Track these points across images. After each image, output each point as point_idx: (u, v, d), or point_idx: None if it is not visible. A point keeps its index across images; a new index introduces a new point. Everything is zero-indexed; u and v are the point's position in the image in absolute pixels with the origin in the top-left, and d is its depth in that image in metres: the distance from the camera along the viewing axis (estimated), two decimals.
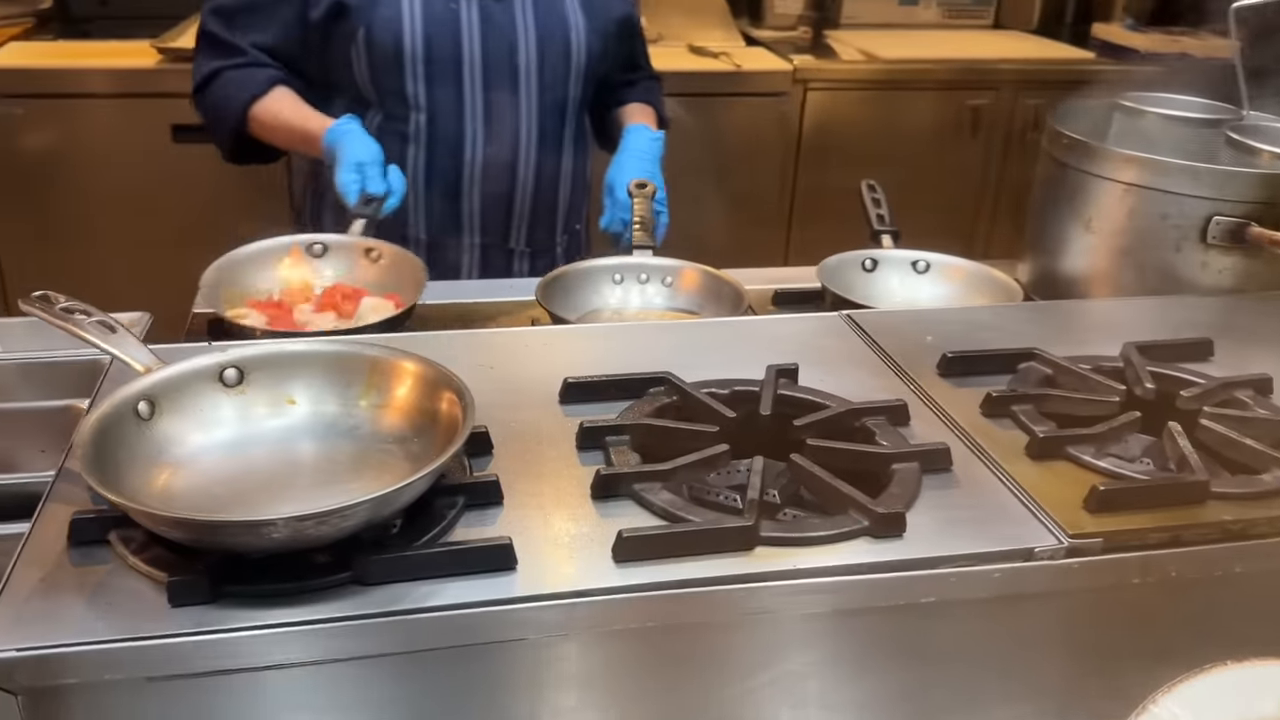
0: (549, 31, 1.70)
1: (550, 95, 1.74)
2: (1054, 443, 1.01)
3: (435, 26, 1.64)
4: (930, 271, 1.61)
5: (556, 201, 1.83)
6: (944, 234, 3.24)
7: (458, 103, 1.69)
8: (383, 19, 1.62)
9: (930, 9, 3.66)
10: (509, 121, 1.72)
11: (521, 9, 1.69)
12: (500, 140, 1.72)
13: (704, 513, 0.90)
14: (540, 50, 1.70)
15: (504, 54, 1.69)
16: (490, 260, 1.81)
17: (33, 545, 0.84)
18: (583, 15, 1.74)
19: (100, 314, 1.00)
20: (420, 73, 1.66)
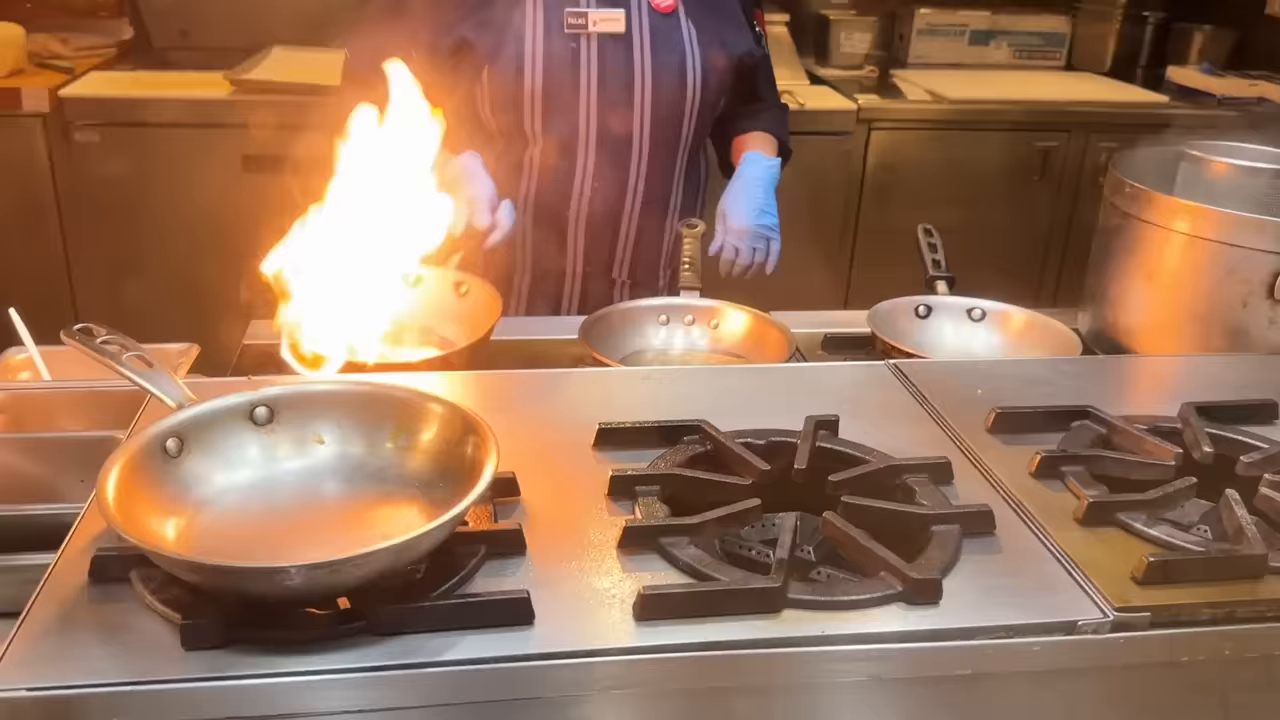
0: (665, 70, 1.72)
1: (662, 131, 1.76)
2: (1104, 508, 0.96)
3: (554, 64, 1.68)
4: (986, 320, 1.56)
5: (663, 236, 1.85)
6: (1009, 279, 3.18)
7: (571, 137, 1.73)
8: (506, 57, 1.67)
9: (1001, 50, 3.60)
10: (620, 156, 1.75)
11: (640, 47, 1.71)
12: (610, 174, 1.75)
13: (731, 571, 0.87)
14: (655, 88, 1.72)
15: (620, 91, 1.72)
16: (592, 290, 1.84)
17: (55, 580, 0.84)
18: (700, 53, 1.75)
19: (138, 348, 1.01)
20: (538, 108, 1.70)
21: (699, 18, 1.76)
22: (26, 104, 2.86)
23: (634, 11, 1.71)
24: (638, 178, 1.77)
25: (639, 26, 1.71)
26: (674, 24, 1.74)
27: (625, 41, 1.71)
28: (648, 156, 1.76)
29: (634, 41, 1.71)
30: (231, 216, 2.95)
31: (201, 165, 2.93)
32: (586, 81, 1.70)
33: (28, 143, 2.91)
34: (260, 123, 2.88)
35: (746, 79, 1.87)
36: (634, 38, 1.71)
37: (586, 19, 1.69)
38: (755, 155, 1.85)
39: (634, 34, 1.71)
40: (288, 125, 2.87)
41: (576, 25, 1.69)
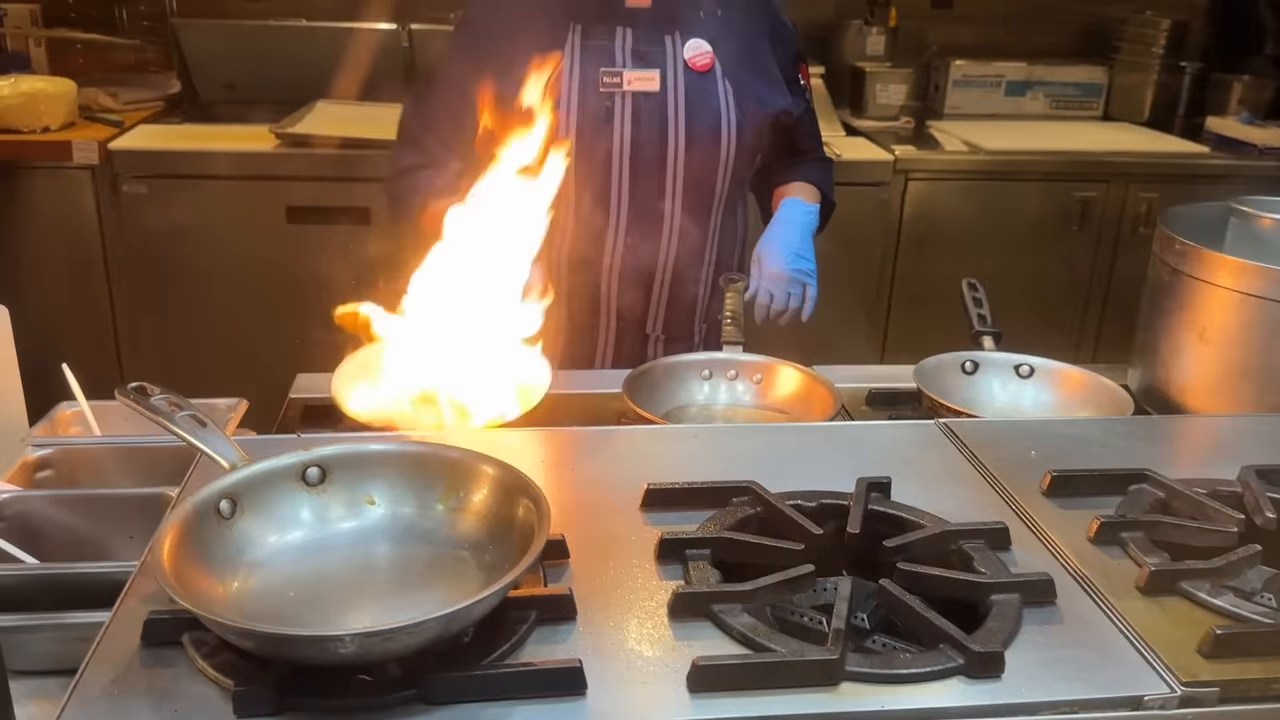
0: (699, 129, 1.73)
1: (696, 188, 1.77)
2: (1167, 577, 0.94)
3: (589, 120, 1.70)
4: (1034, 377, 1.54)
5: (697, 291, 1.85)
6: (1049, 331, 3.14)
7: (604, 193, 1.74)
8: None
9: (1038, 100, 3.60)
10: (653, 213, 1.76)
11: (674, 104, 1.73)
12: (643, 231, 1.76)
13: (787, 641, 0.85)
14: (689, 147, 1.73)
15: (653, 149, 1.73)
16: (625, 343, 1.84)
17: (107, 642, 0.84)
18: (736, 110, 1.75)
19: (190, 407, 1.01)
20: (571, 164, 1.70)
21: (736, 75, 1.77)
22: (77, 156, 2.92)
23: (669, 71, 1.73)
24: (671, 233, 1.78)
25: (674, 85, 1.73)
26: (710, 82, 1.75)
27: (659, 99, 1.72)
28: (681, 212, 1.77)
29: (668, 100, 1.72)
30: (275, 267, 2.99)
31: (246, 216, 2.97)
32: (620, 139, 1.71)
33: (77, 194, 2.96)
34: (303, 175, 2.93)
35: (786, 133, 1.88)
36: (669, 96, 1.72)
37: (621, 78, 1.71)
38: (793, 201, 1.86)
39: (669, 92, 1.72)
40: (330, 178, 2.93)
41: (611, 84, 1.70)
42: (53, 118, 2.98)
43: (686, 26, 1.76)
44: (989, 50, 3.63)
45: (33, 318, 2.97)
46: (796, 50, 1.90)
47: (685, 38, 1.75)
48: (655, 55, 1.74)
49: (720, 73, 1.76)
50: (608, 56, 1.73)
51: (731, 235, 1.88)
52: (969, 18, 3.69)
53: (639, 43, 1.74)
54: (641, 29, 1.74)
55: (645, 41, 1.74)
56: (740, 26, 1.79)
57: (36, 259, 2.98)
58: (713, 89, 1.75)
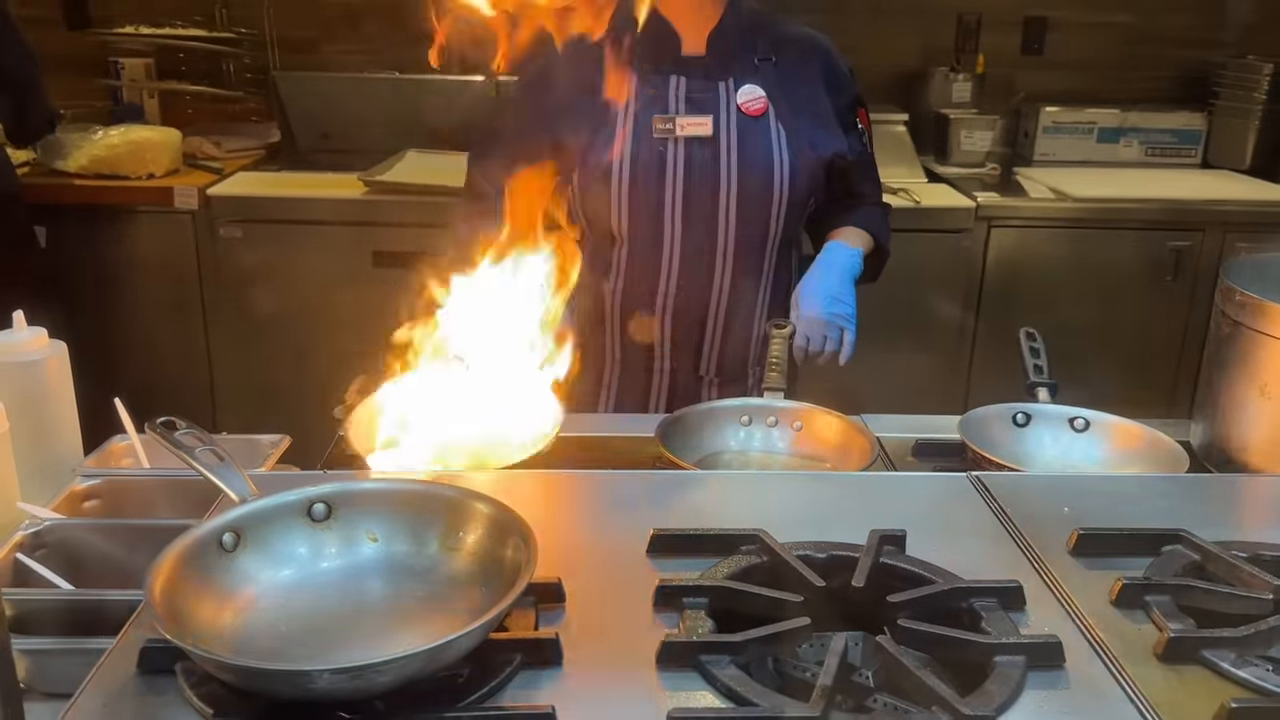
0: (751, 172, 1.75)
1: (748, 231, 1.78)
2: (1188, 644, 0.89)
3: (642, 168, 1.73)
4: (1089, 431, 1.49)
5: (751, 334, 1.85)
6: (1139, 387, 3.04)
7: (657, 237, 1.76)
8: (595, 158, 1.74)
9: (1132, 147, 3.50)
10: (705, 255, 1.77)
11: (726, 150, 1.74)
12: (695, 273, 1.78)
13: (771, 696, 0.83)
14: (741, 190, 1.75)
15: (706, 193, 1.75)
16: (679, 386, 1.85)
17: (106, 668, 0.87)
18: (789, 154, 1.76)
19: (212, 442, 1.04)
20: (625, 209, 1.75)
21: (790, 120, 1.77)
22: (178, 201, 3.07)
23: (722, 116, 1.74)
24: (723, 277, 1.79)
25: (726, 130, 1.74)
26: (763, 127, 1.76)
27: (713, 145, 1.74)
28: (733, 256, 1.78)
29: (721, 145, 1.74)
30: (360, 309, 3.08)
31: (335, 260, 3.07)
32: (672, 184, 1.73)
33: (178, 238, 3.11)
34: (390, 221, 3.02)
35: (841, 177, 1.87)
36: (721, 141, 1.74)
37: (674, 124, 1.73)
38: (837, 244, 1.84)
39: (721, 138, 1.74)
40: (415, 224, 3.01)
41: (664, 130, 1.73)
42: (158, 165, 3.14)
43: (740, 73, 1.77)
44: (1081, 97, 3.55)
45: (133, 353, 3.15)
46: (854, 96, 1.89)
47: (739, 84, 1.77)
48: (709, 101, 1.76)
49: (773, 116, 1.77)
50: (662, 104, 1.75)
51: (786, 278, 1.88)
52: (1060, 64, 3.62)
53: (693, 90, 1.76)
54: (696, 77, 1.76)
55: (699, 89, 1.76)
56: (794, 71, 1.80)
57: (139, 298, 3.13)
58: (765, 133, 1.76)
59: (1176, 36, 3.61)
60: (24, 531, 1.19)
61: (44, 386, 1.33)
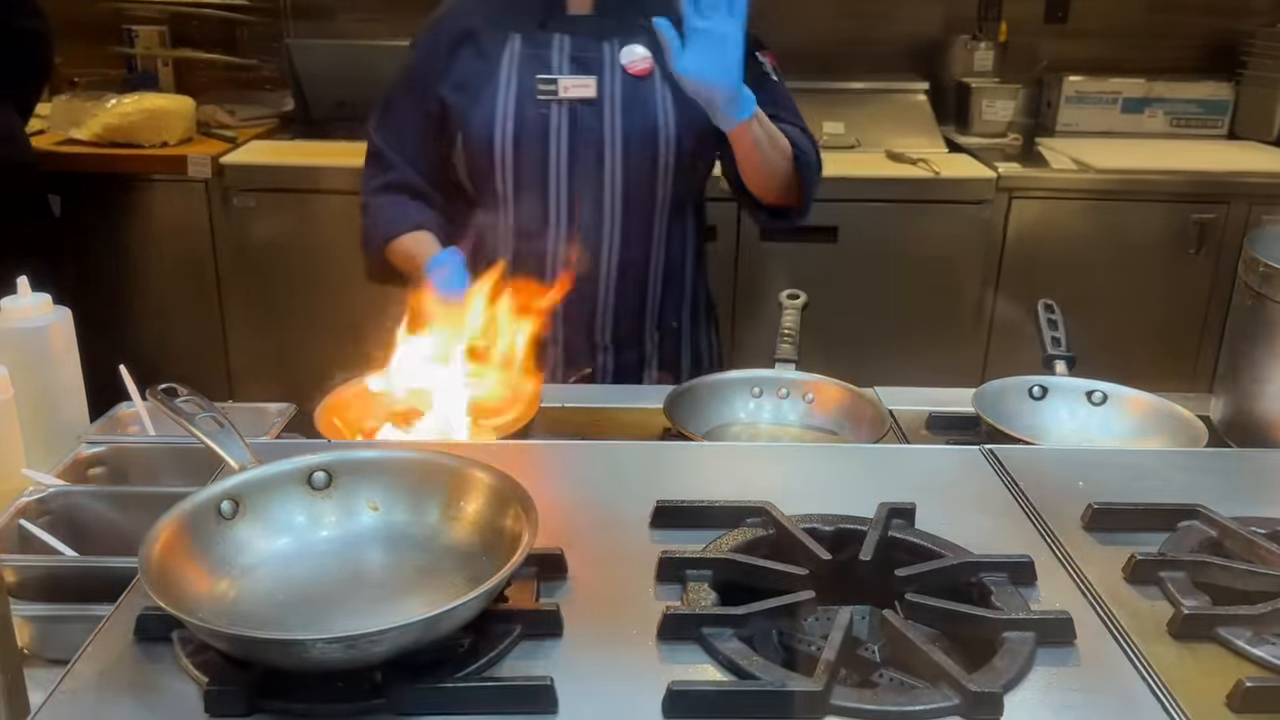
0: (637, 134, 1.72)
1: (636, 195, 1.74)
2: (1202, 621, 0.87)
3: (524, 127, 1.70)
4: (1107, 404, 1.46)
5: (645, 299, 1.82)
6: (1162, 360, 3.00)
7: (543, 202, 1.74)
8: (478, 122, 1.71)
9: (1157, 118, 3.44)
10: (593, 220, 1.74)
11: (610, 112, 1.71)
12: (584, 238, 1.75)
13: (773, 670, 0.82)
14: (626, 152, 1.72)
15: (590, 156, 1.72)
16: (575, 353, 1.81)
17: (103, 636, 0.86)
18: (675, 115, 1.72)
19: (213, 409, 1.03)
20: (509, 171, 1.73)
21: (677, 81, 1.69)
22: (191, 170, 3.06)
23: (606, 78, 1.72)
24: (612, 241, 1.75)
25: (610, 92, 1.71)
26: (648, 89, 1.72)
27: (596, 107, 1.71)
28: (621, 221, 1.75)
29: (605, 107, 1.71)
30: None
31: (349, 229, 3.04)
32: (556, 147, 1.71)
33: (192, 207, 3.10)
34: None
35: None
36: (605, 103, 1.71)
37: (557, 85, 1.70)
38: None
39: (605, 100, 1.71)
40: None
41: (547, 92, 1.70)
42: (171, 133, 3.13)
43: (627, 33, 1.73)
44: (1105, 66, 3.48)
45: (146, 322, 3.15)
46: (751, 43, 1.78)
47: (624, 44, 1.73)
48: (594, 62, 1.73)
49: (659, 78, 1.73)
50: (545, 64, 1.72)
51: (680, 241, 1.84)
52: (1084, 32, 3.55)
53: (577, 49, 1.73)
54: (581, 36, 1.73)
55: (584, 48, 1.73)
56: None
57: (152, 267, 3.13)
58: (651, 96, 1.72)
59: (1204, 4, 3.53)
60: (28, 498, 1.19)
61: (48, 352, 1.32)
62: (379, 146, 1.82)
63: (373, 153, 1.84)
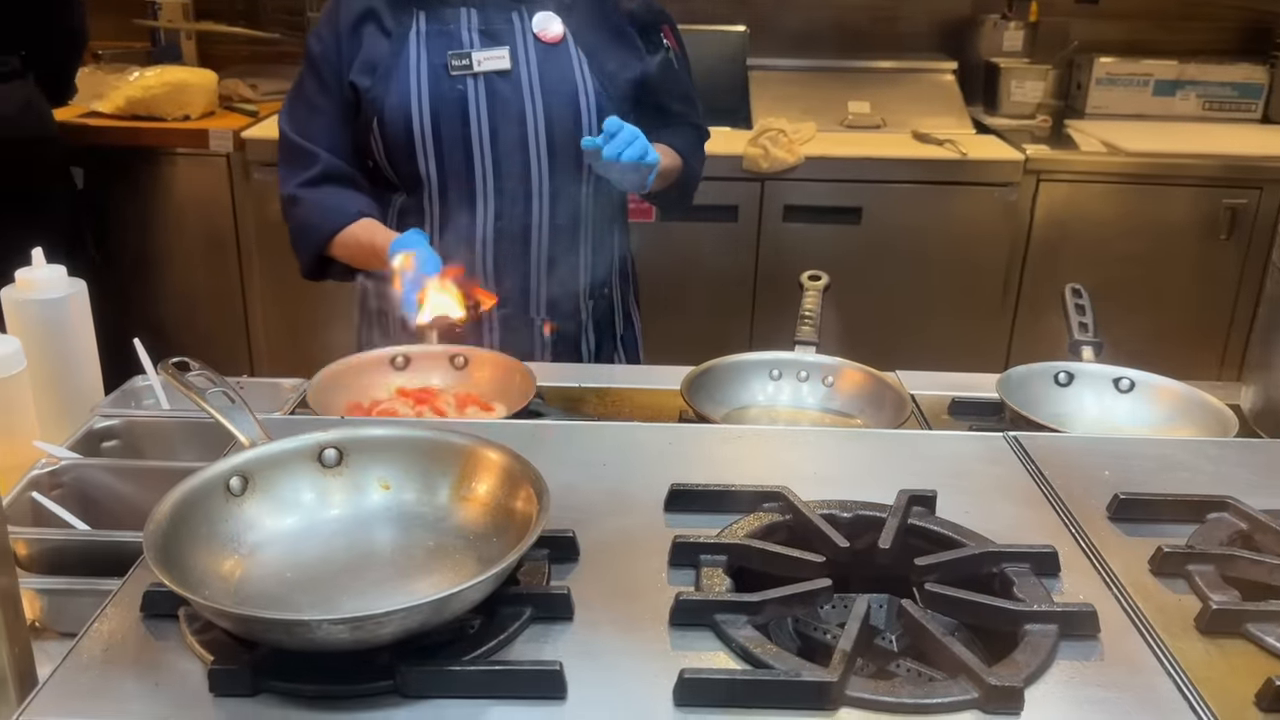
0: (556, 102, 1.69)
1: (561, 163, 1.71)
2: (1231, 616, 0.84)
3: (442, 105, 1.66)
4: (1134, 391, 1.43)
5: (577, 268, 1.79)
6: (1189, 348, 2.95)
7: (468, 178, 1.70)
8: (393, 104, 1.66)
9: (1189, 101, 3.37)
10: (520, 192, 1.71)
11: (528, 81, 1.68)
12: (512, 211, 1.71)
13: (788, 659, 0.80)
14: (548, 120, 1.68)
15: (512, 127, 1.68)
16: (511, 329, 1.76)
17: (110, 612, 0.85)
18: (593, 81, 1.70)
19: (226, 385, 1.02)
20: (430, 152, 1.68)
21: (589, 44, 1.71)
22: (213, 144, 3.05)
23: (519, 47, 1.68)
24: (541, 212, 1.72)
25: (525, 61, 1.68)
26: (562, 54, 1.70)
27: (513, 78, 1.67)
28: (549, 190, 1.71)
29: (521, 77, 1.68)
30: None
31: None
32: (477, 121, 1.67)
33: (213, 180, 3.09)
34: None
35: (651, 99, 1.79)
36: (521, 73, 1.68)
37: (471, 59, 1.67)
38: None
39: (521, 70, 1.68)
40: None
41: (461, 67, 1.66)
42: (194, 107, 3.12)
43: (533, 0, 1.70)
44: (1137, 48, 3.42)
45: (167, 295, 3.15)
46: (656, 14, 1.80)
47: (532, 11, 1.70)
48: (504, 33, 1.69)
49: (572, 42, 1.70)
50: (454, 40, 1.68)
51: (608, 207, 1.81)
52: (1116, 13, 3.48)
53: (486, 22, 1.69)
54: (488, 8, 1.69)
55: (492, 20, 1.69)
56: None
57: (173, 240, 3.13)
58: (566, 61, 1.70)
59: None
60: (40, 470, 1.18)
61: (63, 325, 1.31)
62: (296, 141, 1.75)
63: (291, 147, 1.76)
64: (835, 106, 3.24)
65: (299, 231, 1.77)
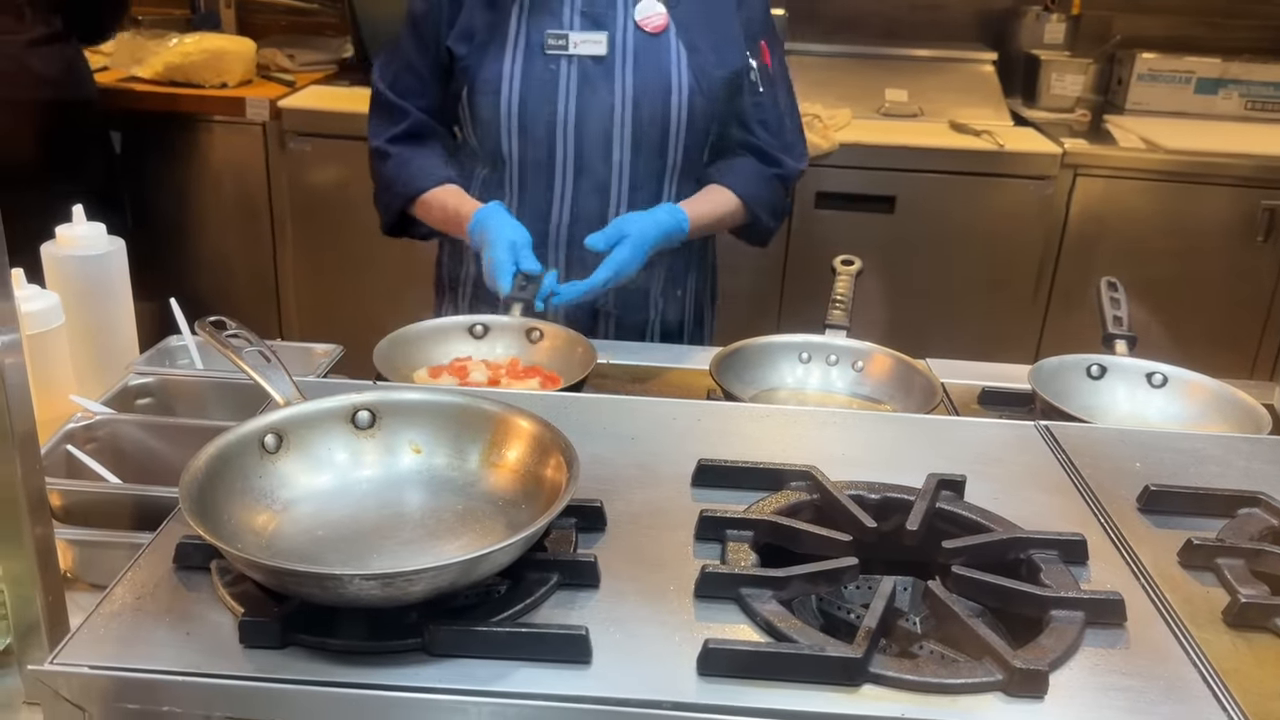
0: (648, 93, 1.64)
1: (646, 156, 1.68)
2: (1259, 610, 0.84)
3: (532, 86, 1.64)
4: (1167, 387, 1.42)
5: (651, 268, 1.69)
6: (1222, 348, 2.92)
7: (549, 162, 1.67)
8: (484, 78, 1.64)
9: (1231, 99, 3.32)
10: (599, 181, 1.68)
11: (621, 70, 1.64)
12: (589, 202, 1.68)
13: (812, 634, 0.80)
14: (636, 113, 1.65)
15: (599, 116, 1.65)
16: (576, 319, 1.69)
17: (142, 563, 0.86)
18: (690, 75, 1.65)
19: (262, 344, 1.03)
20: (514, 130, 1.66)
21: (691, 38, 1.66)
22: (250, 113, 3.07)
23: (618, 33, 1.64)
24: (618, 206, 1.68)
25: (622, 48, 1.64)
26: (662, 45, 1.65)
27: (607, 64, 1.64)
28: (629, 184, 1.68)
29: (615, 64, 1.64)
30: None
31: None
32: (565, 104, 1.64)
33: (249, 149, 3.11)
34: None
35: (736, 100, 1.73)
36: (616, 60, 1.64)
37: (567, 40, 1.63)
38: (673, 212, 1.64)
39: (616, 56, 1.64)
40: None
41: (557, 47, 1.63)
42: (231, 75, 3.13)
43: None
44: (1180, 44, 3.38)
45: (201, 261, 3.18)
46: (763, 21, 1.75)
47: None
48: (606, 17, 1.65)
49: (674, 34, 1.66)
50: (555, 17, 1.65)
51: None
52: (1160, 8, 3.44)
53: (587, 4, 1.65)
54: None
55: (595, 3, 1.65)
56: None
57: (208, 207, 3.15)
58: (665, 52, 1.65)
59: None
60: (75, 424, 1.20)
61: (101, 282, 1.33)
62: (389, 96, 1.74)
63: (383, 103, 1.75)
64: (872, 94, 3.21)
65: (385, 187, 1.76)
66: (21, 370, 0.72)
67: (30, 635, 0.78)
